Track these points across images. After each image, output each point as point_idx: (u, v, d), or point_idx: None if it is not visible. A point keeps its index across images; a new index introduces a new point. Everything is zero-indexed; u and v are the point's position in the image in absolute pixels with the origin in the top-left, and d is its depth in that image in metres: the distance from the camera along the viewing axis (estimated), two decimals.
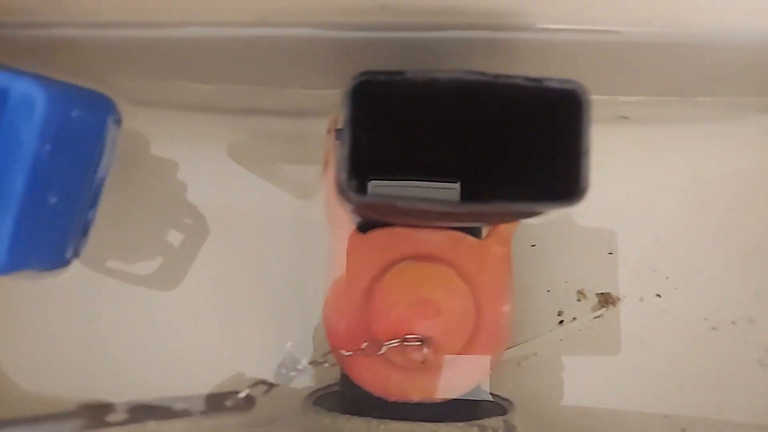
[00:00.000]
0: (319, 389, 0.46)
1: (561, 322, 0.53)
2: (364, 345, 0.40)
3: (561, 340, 0.53)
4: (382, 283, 0.42)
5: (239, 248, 0.45)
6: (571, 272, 0.53)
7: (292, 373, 0.37)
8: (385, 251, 0.43)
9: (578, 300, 0.53)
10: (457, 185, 0.45)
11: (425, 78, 0.29)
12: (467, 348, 0.43)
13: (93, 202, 0.35)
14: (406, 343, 0.41)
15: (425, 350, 0.41)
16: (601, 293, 0.53)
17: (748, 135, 0.51)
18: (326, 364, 0.39)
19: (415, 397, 0.43)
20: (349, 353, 0.40)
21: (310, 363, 0.38)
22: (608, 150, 0.52)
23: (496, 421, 0.43)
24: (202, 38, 0.36)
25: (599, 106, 0.49)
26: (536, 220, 0.53)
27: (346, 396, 0.45)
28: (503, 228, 0.44)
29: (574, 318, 0.53)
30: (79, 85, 0.33)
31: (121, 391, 0.35)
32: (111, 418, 0.31)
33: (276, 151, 0.46)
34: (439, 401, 0.43)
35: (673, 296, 0.52)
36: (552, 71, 0.36)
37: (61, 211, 0.32)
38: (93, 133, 0.33)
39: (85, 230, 0.35)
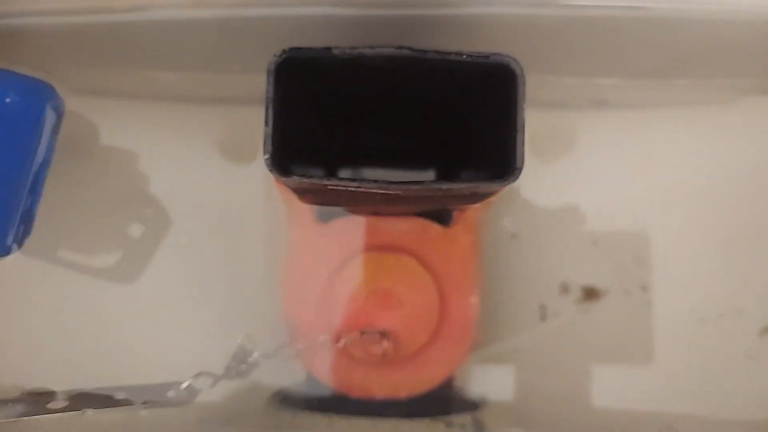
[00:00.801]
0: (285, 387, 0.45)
1: (543, 316, 0.51)
2: (322, 338, 0.39)
3: (543, 335, 0.51)
4: (342, 274, 0.41)
5: (199, 239, 0.45)
6: (554, 265, 0.51)
7: (243, 366, 0.36)
8: (346, 241, 0.42)
9: (561, 293, 0.51)
10: (431, 173, 0.44)
11: (352, 54, 0.28)
12: (432, 341, 0.42)
13: (33, 189, 0.34)
14: (364, 336, 0.40)
15: (385, 343, 0.39)
16: (585, 286, 0.51)
17: (734, 119, 0.49)
18: (279, 357, 0.37)
19: (379, 393, 0.42)
20: (304, 346, 0.39)
21: (262, 355, 0.37)
22: (589, 136, 0.51)
23: (464, 418, 0.42)
24: (147, 23, 0.36)
25: (575, 90, 0.48)
26: (515, 210, 0.51)
27: (312, 392, 0.43)
28: (469, 215, 0.42)
29: (557, 312, 0.51)
30: (16, 71, 0.32)
31: (66, 380, 0.35)
32: (52, 405, 0.31)
33: (238, 139, 0.45)
34: (405, 397, 0.42)
35: (659, 289, 0.50)
36: (519, 51, 0.35)
37: None
38: (29, 119, 0.33)
39: (26, 218, 0.35)
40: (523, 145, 0.28)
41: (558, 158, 0.51)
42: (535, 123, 0.49)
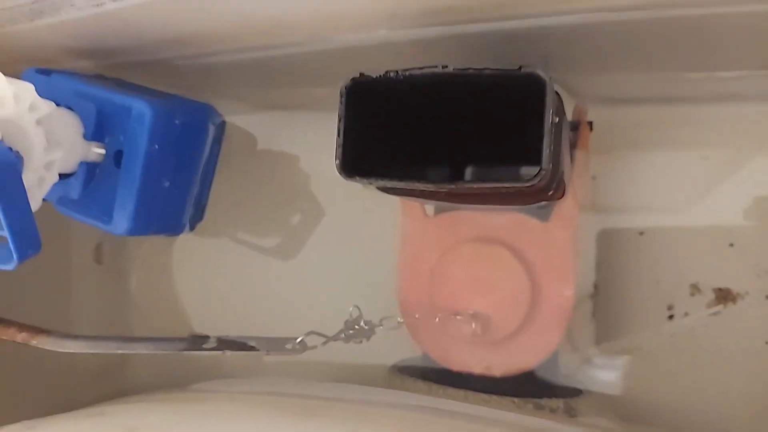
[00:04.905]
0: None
1: (671, 317, 0.50)
2: (418, 315, 0.45)
3: (670, 336, 0.50)
4: (442, 261, 0.46)
5: (340, 228, 0.54)
6: (685, 264, 0.50)
7: (350, 331, 0.44)
8: (450, 232, 0.47)
9: (692, 294, 0.50)
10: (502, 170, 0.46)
11: (404, 75, 0.34)
12: (525, 328, 0.45)
13: (202, 183, 0.46)
14: (458, 317, 0.44)
15: (473, 325, 0.44)
16: (719, 288, 0.49)
17: None
18: (381, 327, 0.44)
19: (475, 369, 0.46)
20: (405, 321, 0.45)
21: (366, 323, 0.44)
22: (724, 130, 0.48)
23: (555, 402, 0.44)
24: (296, 54, 0.45)
25: (697, 84, 0.47)
26: (643, 206, 0.51)
27: (426, 366, 0.49)
28: (565, 210, 0.44)
29: (686, 313, 0.50)
30: (185, 97, 0.44)
31: (215, 326, 0.46)
32: (205, 345, 0.42)
33: None
34: (499, 376, 0.46)
35: None
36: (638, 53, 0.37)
37: (174, 192, 0.43)
38: (195, 133, 0.44)
39: (197, 206, 0.47)
40: (549, 147, 0.31)
41: (688, 153, 0.49)
42: (661, 117, 0.49)
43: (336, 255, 0.54)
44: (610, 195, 0.51)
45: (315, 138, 0.55)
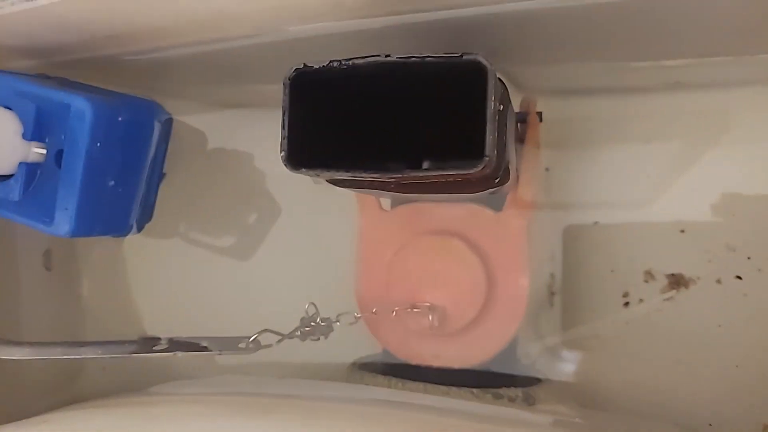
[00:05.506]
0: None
1: (626, 304, 0.51)
2: (375, 309, 0.44)
3: (626, 323, 0.50)
4: (400, 255, 0.46)
5: (293, 226, 0.53)
6: (638, 251, 0.50)
7: (306, 329, 0.43)
8: (407, 225, 0.46)
9: (645, 281, 0.50)
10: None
11: (348, 65, 0.33)
12: (481, 319, 0.45)
13: (149, 183, 0.45)
14: (415, 310, 0.44)
15: (430, 317, 0.44)
16: (672, 274, 0.49)
17: None
18: (338, 323, 0.44)
19: (434, 362, 0.46)
20: (362, 316, 0.44)
21: (323, 320, 0.43)
22: (670, 121, 0.49)
23: (514, 391, 0.44)
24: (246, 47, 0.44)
25: (643, 73, 0.47)
26: (597, 196, 0.51)
27: (386, 361, 0.49)
28: (518, 199, 0.44)
29: (641, 300, 0.50)
30: (129, 94, 0.43)
31: (171, 329, 0.45)
32: (156, 347, 0.41)
33: None
34: (458, 368, 0.46)
35: (756, 278, 0.46)
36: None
37: (119, 191, 0.42)
38: (140, 131, 0.43)
39: (145, 206, 0.45)
40: (492, 134, 0.31)
41: (638, 143, 0.50)
42: (610, 108, 0.49)
43: (292, 253, 0.54)
44: (564, 186, 0.52)
45: (269, 136, 0.54)
